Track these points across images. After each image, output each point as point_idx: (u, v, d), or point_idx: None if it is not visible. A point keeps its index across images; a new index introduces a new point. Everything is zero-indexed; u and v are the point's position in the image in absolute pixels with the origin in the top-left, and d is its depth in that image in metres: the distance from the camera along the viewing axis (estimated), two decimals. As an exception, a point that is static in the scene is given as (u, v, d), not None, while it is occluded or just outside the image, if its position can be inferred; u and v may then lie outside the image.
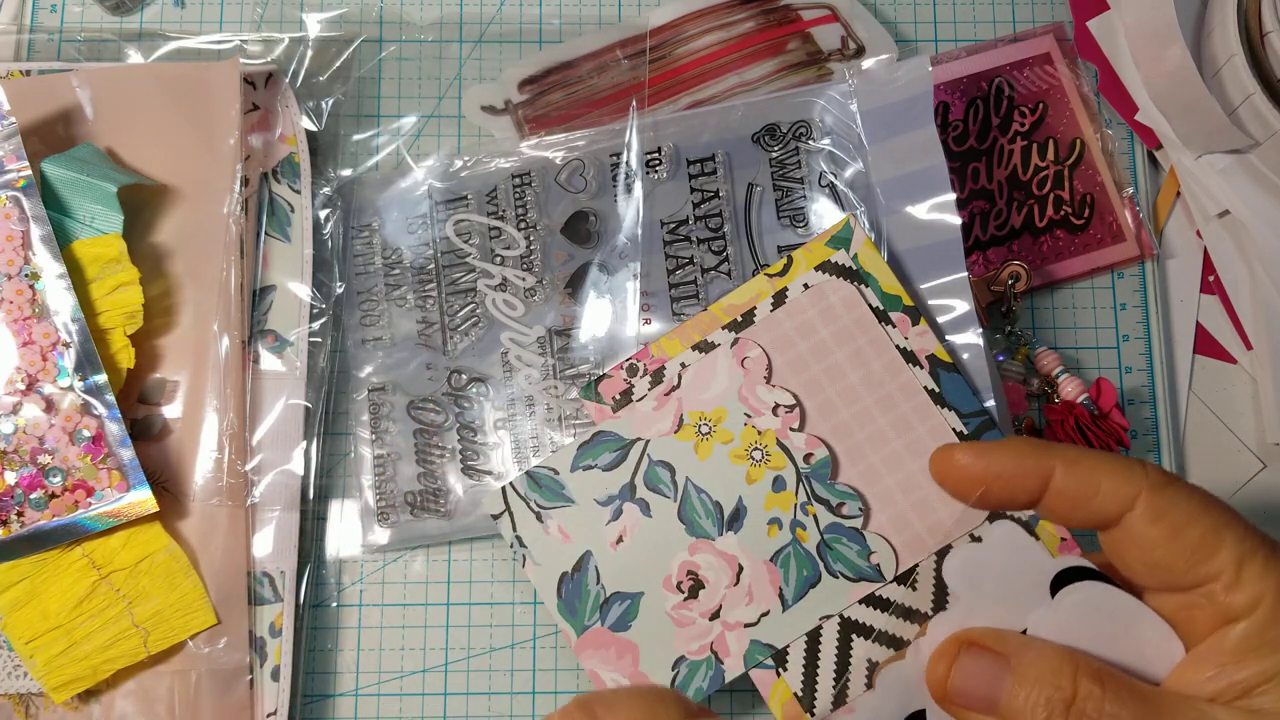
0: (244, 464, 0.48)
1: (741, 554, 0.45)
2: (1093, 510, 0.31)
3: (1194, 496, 0.31)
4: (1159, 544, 0.31)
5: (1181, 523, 0.30)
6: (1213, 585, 0.30)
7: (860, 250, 0.47)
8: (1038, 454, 0.32)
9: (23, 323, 0.45)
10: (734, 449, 0.46)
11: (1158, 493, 0.31)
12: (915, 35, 0.55)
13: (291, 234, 0.51)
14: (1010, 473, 0.32)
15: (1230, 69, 0.50)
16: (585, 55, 0.54)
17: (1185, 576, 0.31)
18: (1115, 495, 0.31)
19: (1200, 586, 0.30)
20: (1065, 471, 0.32)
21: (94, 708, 0.46)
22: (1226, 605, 0.30)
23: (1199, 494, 0.31)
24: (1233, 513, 0.31)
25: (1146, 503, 0.31)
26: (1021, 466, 0.32)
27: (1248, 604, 0.30)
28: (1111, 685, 0.30)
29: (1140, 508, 0.31)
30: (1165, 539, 0.30)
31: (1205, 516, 0.30)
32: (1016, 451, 0.33)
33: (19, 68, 0.51)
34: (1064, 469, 0.32)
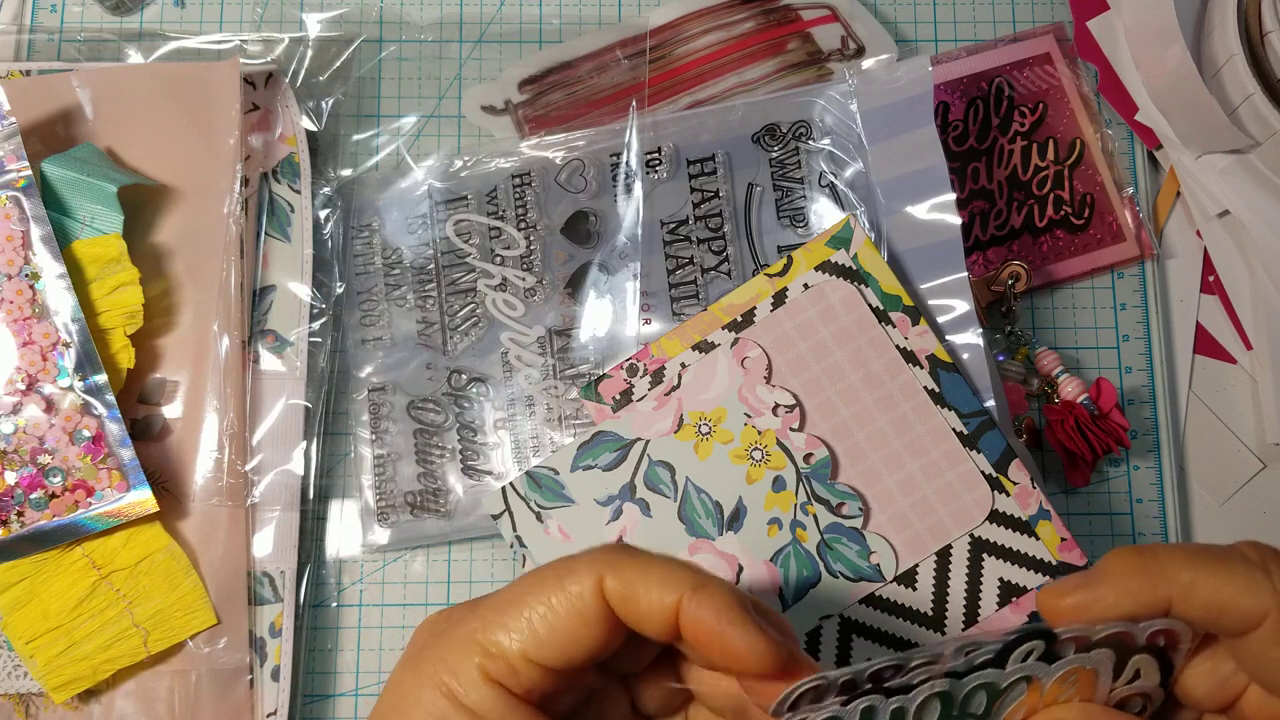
0: (244, 464, 0.48)
1: (741, 554, 0.45)
2: (1218, 629, 0.29)
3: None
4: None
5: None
6: None
7: (860, 250, 0.47)
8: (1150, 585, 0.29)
9: (23, 323, 0.45)
10: (734, 449, 0.46)
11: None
12: (915, 35, 0.55)
13: (291, 234, 0.51)
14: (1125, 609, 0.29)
15: (1230, 69, 0.50)
16: (585, 55, 0.54)
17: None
18: (1241, 618, 0.28)
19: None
20: (1182, 600, 0.28)
21: (94, 708, 0.46)
22: None
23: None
24: None
25: (1275, 621, 0.28)
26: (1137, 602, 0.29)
27: None
28: None
29: (1267, 626, 0.28)
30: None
31: None
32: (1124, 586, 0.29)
33: (19, 68, 0.51)
34: (1180, 598, 0.28)
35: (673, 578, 0.29)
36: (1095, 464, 0.50)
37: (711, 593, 0.28)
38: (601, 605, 0.29)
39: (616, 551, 0.30)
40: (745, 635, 0.28)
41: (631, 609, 0.29)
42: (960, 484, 0.45)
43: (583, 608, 0.29)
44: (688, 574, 0.29)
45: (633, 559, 0.29)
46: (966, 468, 0.46)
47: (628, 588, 0.29)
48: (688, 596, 0.28)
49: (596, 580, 0.29)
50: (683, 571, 0.29)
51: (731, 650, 0.28)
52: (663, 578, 0.29)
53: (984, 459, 0.46)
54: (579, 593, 0.29)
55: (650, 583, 0.29)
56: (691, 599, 0.28)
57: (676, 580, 0.29)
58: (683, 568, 0.29)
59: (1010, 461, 0.46)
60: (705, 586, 0.29)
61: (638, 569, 0.29)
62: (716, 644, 0.28)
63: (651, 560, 0.29)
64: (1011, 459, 0.46)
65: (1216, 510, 0.51)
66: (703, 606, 0.28)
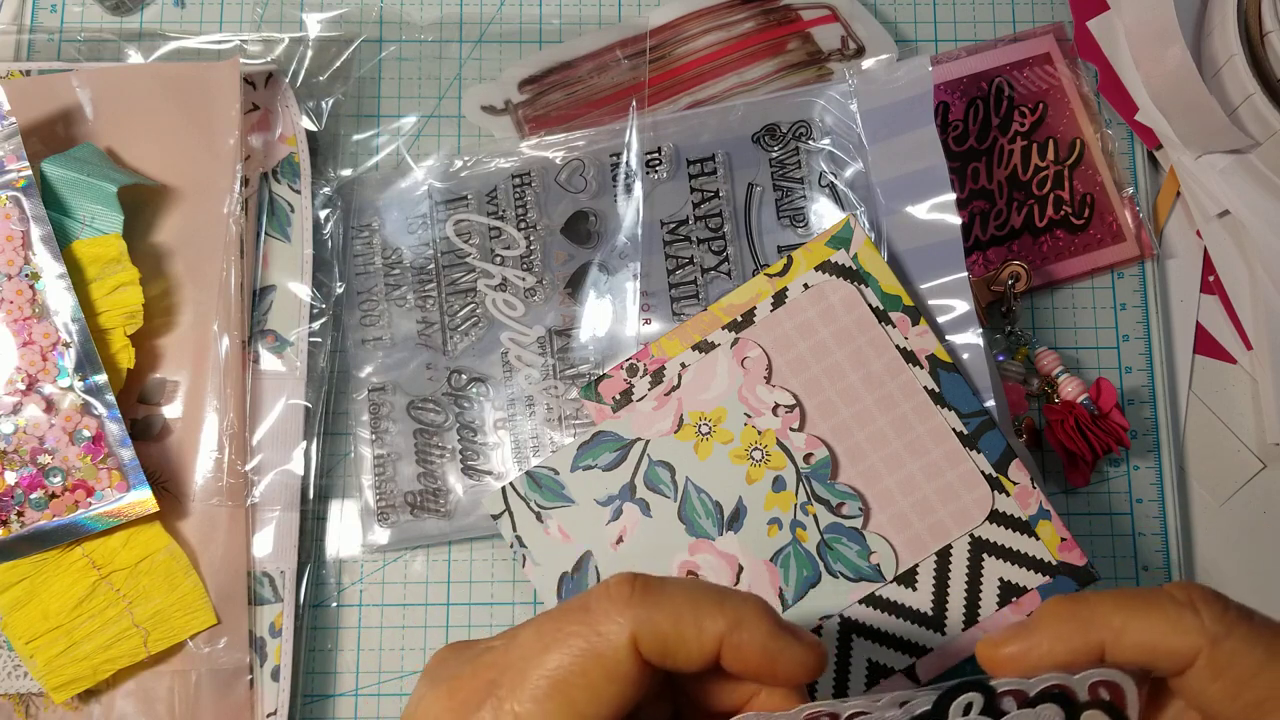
0: (244, 464, 0.48)
1: (741, 554, 0.45)
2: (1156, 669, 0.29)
3: (1257, 646, 0.28)
4: (1218, 700, 0.29)
5: (1244, 678, 0.28)
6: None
7: (860, 250, 0.47)
8: (1082, 630, 0.29)
9: (23, 323, 0.45)
10: (734, 449, 0.46)
11: (1217, 647, 0.28)
12: (915, 35, 0.55)
13: (291, 234, 0.51)
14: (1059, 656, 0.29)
15: (1230, 69, 0.50)
16: (585, 55, 0.54)
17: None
18: (1173, 657, 0.29)
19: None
20: (1115, 644, 0.29)
21: (94, 708, 0.46)
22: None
23: (1264, 641, 0.29)
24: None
25: (1206, 659, 0.28)
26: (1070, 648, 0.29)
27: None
28: None
29: (1200, 664, 0.28)
30: (1225, 696, 0.28)
31: (1270, 669, 0.28)
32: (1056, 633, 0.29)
33: (19, 68, 0.51)
34: (1113, 642, 0.29)
35: (705, 619, 0.28)
36: (1095, 464, 0.50)
37: (750, 625, 0.28)
38: (638, 661, 0.28)
39: (642, 597, 0.29)
40: (793, 653, 0.29)
41: (670, 658, 0.28)
42: (960, 484, 0.45)
43: (621, 670, 0.28)
44: (719, 609, 0.29)
45: (660, 604, 0.28)
46: (966, 468, 0.46)
47: (665, 639, 0.28)
48: (728, 635, 0.28)
49: (630, 640, 0.28)
50: (713, 607, 0.29)
51: (783, 672, 0.29)
52: (696, 622, 0.28)
53: (984, 459, 0.46)
54: (614, 654, 0.28)
55: (685, 632, 0.28)
56: (732, 637, 0.28)
57: (710, 621, 0.28)
58: (711, 602, 0.29)
59: (1010, 461, 0.46)
60: (741, 620, 0.28)
61: (668, 618, 0.28)
62: (766, 670, 0.29)
63: (678, 600, 0.29)
64: (1011, 459, 0.46)
65: (1216, 510, 0.51)
66: (745, 641, 0.28)
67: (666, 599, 0.29)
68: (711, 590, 0.29)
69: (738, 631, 0.28)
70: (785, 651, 0.29)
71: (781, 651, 0.29)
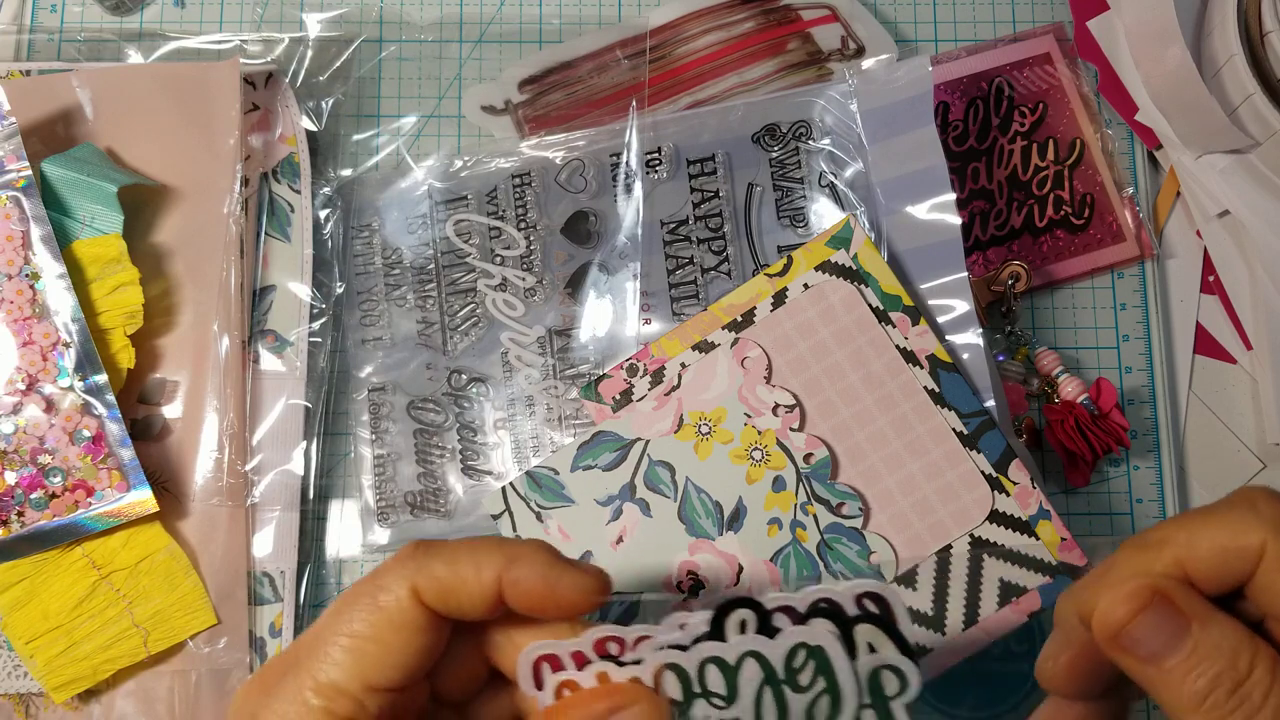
0: (244, 464, 0.48)
1: (741, 554, 0.45)
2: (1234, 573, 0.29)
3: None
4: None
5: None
6: None
7: (860, 250, 0.47)
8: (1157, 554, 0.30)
9: (23, 323, 0.45)
10: (734, 449, 0.46)
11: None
12: (915, 35, 0.55)
13: (291, 234, 0.51)
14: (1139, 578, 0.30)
15: (1230, 69, 0.50)
16: (585, 55, 0.54)
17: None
18: (1244, 554, 0.29)
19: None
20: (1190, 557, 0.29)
21: (94, 708, 0.46)
22: None
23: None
24: None
25: (1275, 547, 0.28)
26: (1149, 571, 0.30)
27: None
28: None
29: (1270, 554, 0.29)
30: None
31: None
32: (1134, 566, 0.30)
33: (19, 68, 0.51)
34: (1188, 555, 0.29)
35: (482, 558, 0.29)
36: (1095, 464, 0.50)
37: (526, 558, 0.29)
38: (421, 609, 0.29)
39: (420, 552, 0.30)
40: (572, 579, 0.29)
41: (453, 601, 0.29)
42: (960, 484, 0.45)
43: (405, 618, 0.29)
44: (496, 550, 0.30)
45: (437, 554, 0.30)
46: (966, 468, 0.46)
47: (442, 584, 0.29)
48: (505, 572, 0.29)
49: (409, 587, 0.29)
50: (489, 547, 0.30)
51: (565, 599, 0.29)
52: (473, 562, 0.29)
53: (984, 459, 0.46)
54: (396, 605, 0.29)
55: (463, 573, 0.29)
56: (510, 571, 0.29)
57: (487, 559, 0.29)
58: (488, 546, 0.30)
59: (1010, 461, 0.46)
60: (517, 556, 0.29)
61: (445, 563, 0.29)
62: (549, 599, 0.29)
63: (456, 549, 0.30)
64: (1011, 459, 0.46)
65: (1216, 510, 0.51)
66: (523, 576, 0.29)
67: (445, 549, 0.30)
68: (491, 538, 0.30)
69: (515, 567, 0.29)
70: (564, 578, 0.29)
71: (560, 579, 0.29)
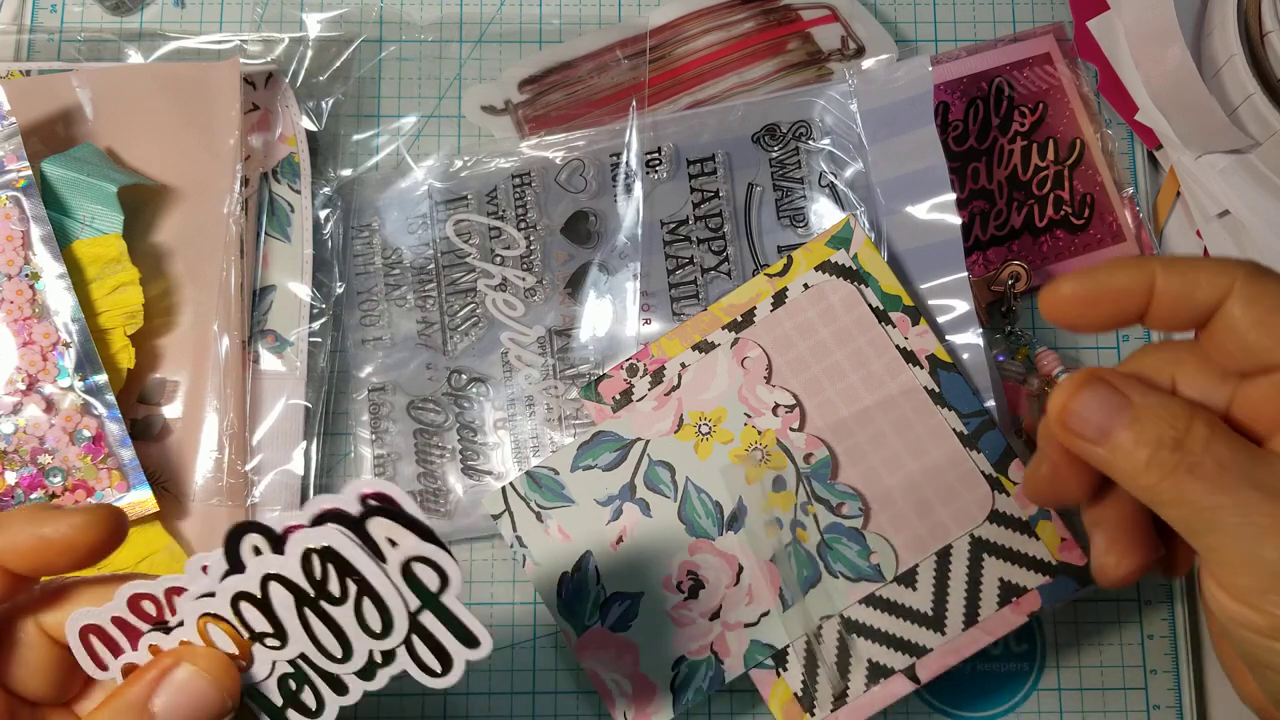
0: (244, 464, 0.48)
1: (741, 554, 0.45)
2: (1196, 303, 0.32)
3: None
4: (1252, 327, 0.31)
5: (1274, 306, 0.31)
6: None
7: (860, 250, 0.47)
8: (1136, 263, 0.32)
9: (23, 323, 0.45)
10: (734, 449, 0.46)
11: (1252, 281, 0.31)
12: (915, 35, 0.55)
13: (291, 234, 0.51)
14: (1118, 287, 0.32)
15: (1230, 69, 0.50)
16: (585, 55, 0.54)
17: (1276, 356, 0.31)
18: (1213, 285, 0.31)
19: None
20: (1165, 273, 0.32)
21: (94, 708, 0.46)
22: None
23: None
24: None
25: (1241, 289, 0.31)
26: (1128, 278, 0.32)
27: None
28: (1222, 432, 0.31)
29: (1235, 293, 0.31)
30: (1257, 322, 0.31)
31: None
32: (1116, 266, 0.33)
33: (19, 68, 0.51)
34: (1163, 271, 0.32)
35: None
36: (1095, 464, 0.50)
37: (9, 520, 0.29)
38: None
39: None
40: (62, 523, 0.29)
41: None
42: (960, 484, 0.45)
43: None
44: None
45: None
46: (966, 468, 0.46)
47: None
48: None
49: None
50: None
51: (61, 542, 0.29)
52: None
53: (984, 459, 0.46)
54: None
55: None
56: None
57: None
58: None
59: (1010, 461, 0.46)
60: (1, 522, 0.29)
61: None
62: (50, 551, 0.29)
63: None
64: (1011, 459, 0.46)
65: (1216, 510, 0.51)
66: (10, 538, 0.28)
67: None
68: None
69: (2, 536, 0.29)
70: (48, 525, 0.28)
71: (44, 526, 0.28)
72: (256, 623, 0.29)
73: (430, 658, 0.29)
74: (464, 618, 0.28)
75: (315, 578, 0.28)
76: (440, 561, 0.28)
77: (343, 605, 0.29)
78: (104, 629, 0.30)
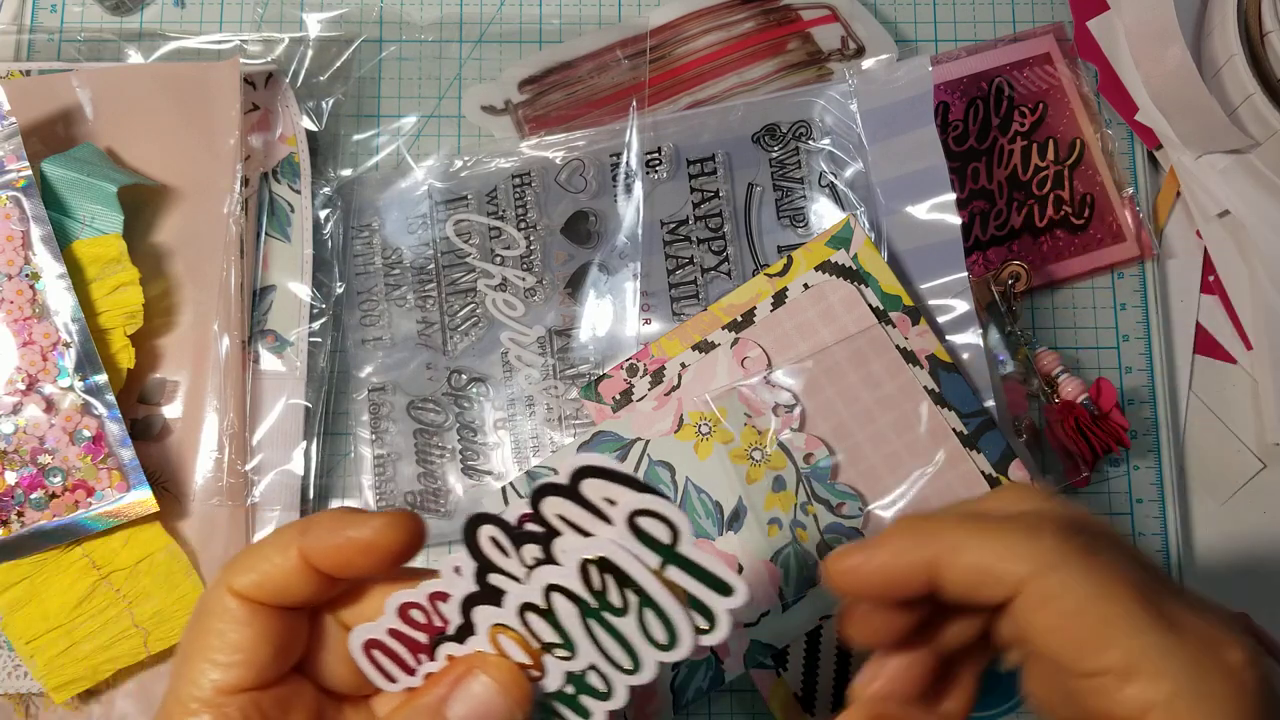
0: (244, 464, 0.48)
1: (741, 554, 0.45)
2: (985, 597, 0.29)
3: (1087, 581, 0.27)
4: (1041, 631, 0.28)
5: (1070, 610, 0.27)
6: (1102, 680, 0.27)
7: (860, 250, 0.47)
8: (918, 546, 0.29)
9: (23, 323, 0.45)
10: (734, 449, 0.46)
11: (1045, 577, 0.27)
12: (915, 35, 0.55)
13: (291, 234, 0.51)
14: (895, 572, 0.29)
15: (1230, 69, 0.50)
16: (585, 55, 0.54)
17: (1075, 667, 0.27)
18: (1001, 581, 0.28)
19: (1090, 680, 0.27)
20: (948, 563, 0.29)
21: (94, 708, 0.46)
22: (1115, 704, 0.27)
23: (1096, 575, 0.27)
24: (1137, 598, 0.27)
25: (1033, 588, 0.28)
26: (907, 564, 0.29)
27: (1136, 709, 0.26)
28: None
29: (1026, 592, 0.28)
30: (1050, 628, 0.28)
31: (1098, 604, 0.27)
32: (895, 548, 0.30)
33: (19, 68, 0.51)
34: (947, 560, 0.29)
35: (279, 540, 0.30)
36: (1095, 464, 0.50)
37: (317, 522, 0.30)
38: (246, 605, 0.30)
39: (233, 558, 0.31)
40: (365, 525, 0.30)
41: (270, 587, 0.30)
42: (960, 484, 0.45)
43: (232, 618, 0.30)
44: (290, 527, 0.30)
45: (246, 552, 0.31)
46: (966, 468, 0.46)
47: (254, 575, 0.30)
48: (301, 541, 0.30)
49: (226, 589, 0.30)
50: (286, 528, 0.30)
51: (361, 544, 0.29)
52: (275, 545, 0.30)
53: (984, 459, 0.46)
54: (221, 609, 0.30)
55: (268, 557, 0.30)
56: (304, 541, 0.30)
57: (283, 540, 0.30)
58: (286, 527, 0.31)
59: (1010, 461, 0.46)
60: (308, 525, 0.30)
61: (251, 556, 0.30)
62: (349, 549, 0.30)
63: (262, 541, 0.31)
64: (1011, 459, 0.46)
65: (1216, 510, 0.51)
66: (318, 538, 0.30)
67: (253, 546, 0.31)
68: (292, 522, 0.31)
69: (307, 535, 0.30)
70: (353, 528, 0.30)
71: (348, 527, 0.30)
72: (545, 634, 0.29)
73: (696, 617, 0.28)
74: (710, 565, 0.27)
75: (595, 589, 0.28)
76: (664, 511, 0.27)
77: (625, 617, 0.28)
78: (384, 643, 0.30)
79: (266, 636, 0.30)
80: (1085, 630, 0.27)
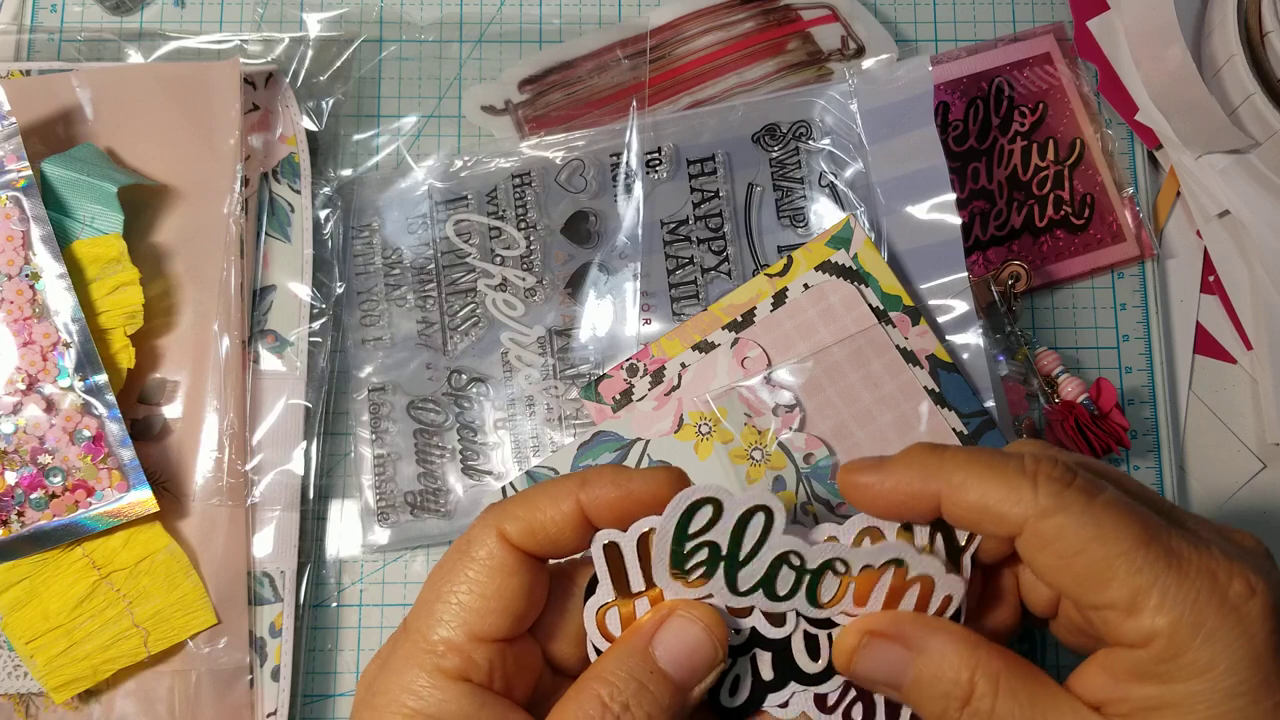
0: (244, 464, 0.48)
1: (741, 554, 0.45)
2: (985, 530, 0.30)
3: (1086, 523, 0.29)
4: (1045, 569, 0.29)
5: (1069, 551, 0.29)
6: (1107, 613, 0.29)
7: (860, 250, 0.47)
8: (924, 479, 0.31)
9: (23, 323, 0.45)
10: (734, 449, 0.46)
11: (1044, 520, 0.29)
12: (915, 35, 0.55)
13: (291, 234, 0.51)
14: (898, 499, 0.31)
15: (1230, 69, 0.50)
16: (585, 55, 0.54)
17: (1080, 601, 0.29)
18: (1001, 521, 0.29)
19: (1097, 611, 0.29)
20: (950, 499, 0.30)
21: (94, 708, 0.46)
22: (1121, 634, 0.29)
23: (1095, 517, 0.29)
24: (1138, 538, 0.28)
25: (1032, 530, 0.29)
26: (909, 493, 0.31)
27: (1140, 639, 0.28)
28: (1005, 686, 0.30)
29: (1026, 534, 0.29)
30: (1052, 567, 0.29)
31: (1097, 545, 0.28)
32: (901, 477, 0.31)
33: (19, 68, 0.51)
34: (948, 496, 0.30)
35: (557, 490, 0.31)
36: (1095, 464, 0.50)
37: (594, 475, 0.31)
38: (511, 552, 0.31)
39: (499, 504, 0.32)
40: (642, 479, 0.31)
41: (541, 535, 0.31)
42: (960, 484, 0.45)
43: (496, 563, 0.30)
44: (567, 479, 0.32)
45: (515, 500, 0.32)
46: (966, 468, 0.46)
47: (525, 522, 0.31)
48: (580, 494, 0.31)
49: (495, 534, 0.31)
50: (562, 481, 0.32)
51: (640, 496, 0.31)
52: (549, 496, 0.31)
53: (984, 459, 0.46)
54: (488, 553, 0.31)
55: (542, 507, 0.31)
56: (584, 494, 0.31)
57: (562, 490, 0.31)
58: (559, 480, 0.32)
59: (1010, 461, 0.46)
60: (586, 478, 0.31)
61: (522, 505, 0.31)
62: (629, 502, 0.31)
63: (531, 492, 0.32)
64: (1011, 459, 0.46)
65: (1216, 510, 0.51)
66: (597, 493, 0.31)
67: (522, 495, 0.32)
68: (561, 477, 0.32)
69: (587, 488, 0.31)
70: (634, 480, 0.31)
71: (630, 481, 0.31)
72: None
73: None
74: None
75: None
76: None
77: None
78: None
79: (525, 588, 0.31)
80: (1085, 569, 0.29)
